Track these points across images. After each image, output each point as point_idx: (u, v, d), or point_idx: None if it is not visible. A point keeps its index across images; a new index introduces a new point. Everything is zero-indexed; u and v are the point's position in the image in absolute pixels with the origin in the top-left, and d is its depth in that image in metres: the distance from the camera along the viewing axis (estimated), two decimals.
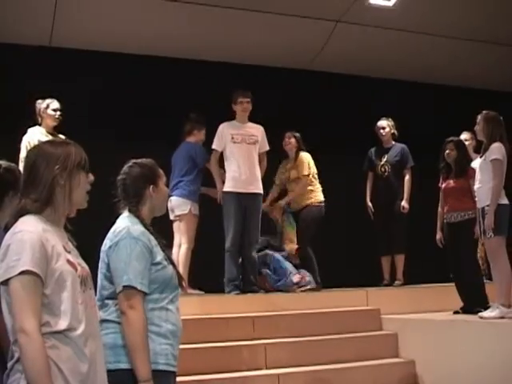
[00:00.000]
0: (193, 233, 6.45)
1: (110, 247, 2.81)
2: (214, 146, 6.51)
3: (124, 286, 2.70)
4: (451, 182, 5.92)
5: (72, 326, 2.14)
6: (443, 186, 6.01)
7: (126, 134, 7.24)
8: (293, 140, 7.03)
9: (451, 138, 6.02)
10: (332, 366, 5.28)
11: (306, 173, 6.90)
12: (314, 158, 6.99)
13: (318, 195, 6.92)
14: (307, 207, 6.86)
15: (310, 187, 6.92)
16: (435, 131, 8.16)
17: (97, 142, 6.75)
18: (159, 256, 2.83)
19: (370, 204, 7.31)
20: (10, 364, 2.12)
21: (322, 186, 6.99)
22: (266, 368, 5.16)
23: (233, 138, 6.42)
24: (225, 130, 6.47)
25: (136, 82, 7.53)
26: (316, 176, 7.00)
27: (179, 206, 6.36)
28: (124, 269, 2.72)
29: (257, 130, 6.56)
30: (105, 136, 7.09)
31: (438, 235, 6.07)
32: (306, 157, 6.98)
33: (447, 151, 5.95)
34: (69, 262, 2.20)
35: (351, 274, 7.24)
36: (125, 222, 2.86)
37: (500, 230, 5.16)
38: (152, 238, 2.85)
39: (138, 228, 2.83)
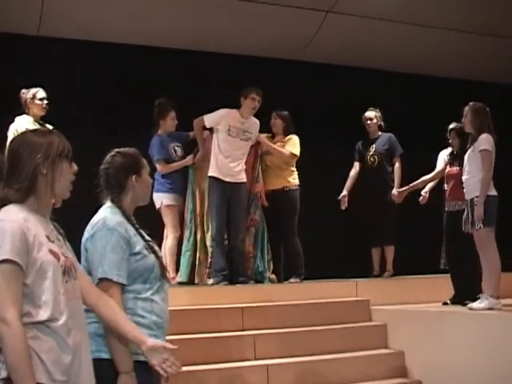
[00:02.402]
0: (173, 224, 6.36)
1: (87, 239, 2.79)
2: (205, 120, 6.37)
3: (99, 279, 2.68)
4: (454, 169, 5.92)
5: (53, 316, 2.11)
6: (447, 170, 6.04)
7: (114, 124, 7.18)
8: (278, 121, 6.86)
9: (452, 126, 5.99)
10: (321, 357, 5.29)
11: (296, 152, 6.69)
12: (305, 149, 6.86)
13: (296, 178, 6.76)
14: (285, 191, 6.68)
15: (291, 168, 6.76)
16: (426, 122, 8.19)
17: (84, 131, 6.73)
18: (138, 246, 2.78)
19: (345, 193, 7.11)
20: None
21: (312, 177, 6.91)
22: (255, 359, 5.16)
23: (229, 130, 6.31)
24: (226, 120, 6.32)
25: (124, 72, 7.47)
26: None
27: (155, 201, 6.26)
28: (99, 261, 2.69)
29: (254, 127, 6.46)
30: (92, 125, 7.04)
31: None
32: (295, 138, 6.78)
33: (450, 140, 6.00)
34: (51, 251, 2.17)
35: (341, 264, 7.23)
36: (104, 213, 2.83)
37: (489, 221, 5.17)
38: (130, 227, 2.81)
39: (114, 218, 2.79)
